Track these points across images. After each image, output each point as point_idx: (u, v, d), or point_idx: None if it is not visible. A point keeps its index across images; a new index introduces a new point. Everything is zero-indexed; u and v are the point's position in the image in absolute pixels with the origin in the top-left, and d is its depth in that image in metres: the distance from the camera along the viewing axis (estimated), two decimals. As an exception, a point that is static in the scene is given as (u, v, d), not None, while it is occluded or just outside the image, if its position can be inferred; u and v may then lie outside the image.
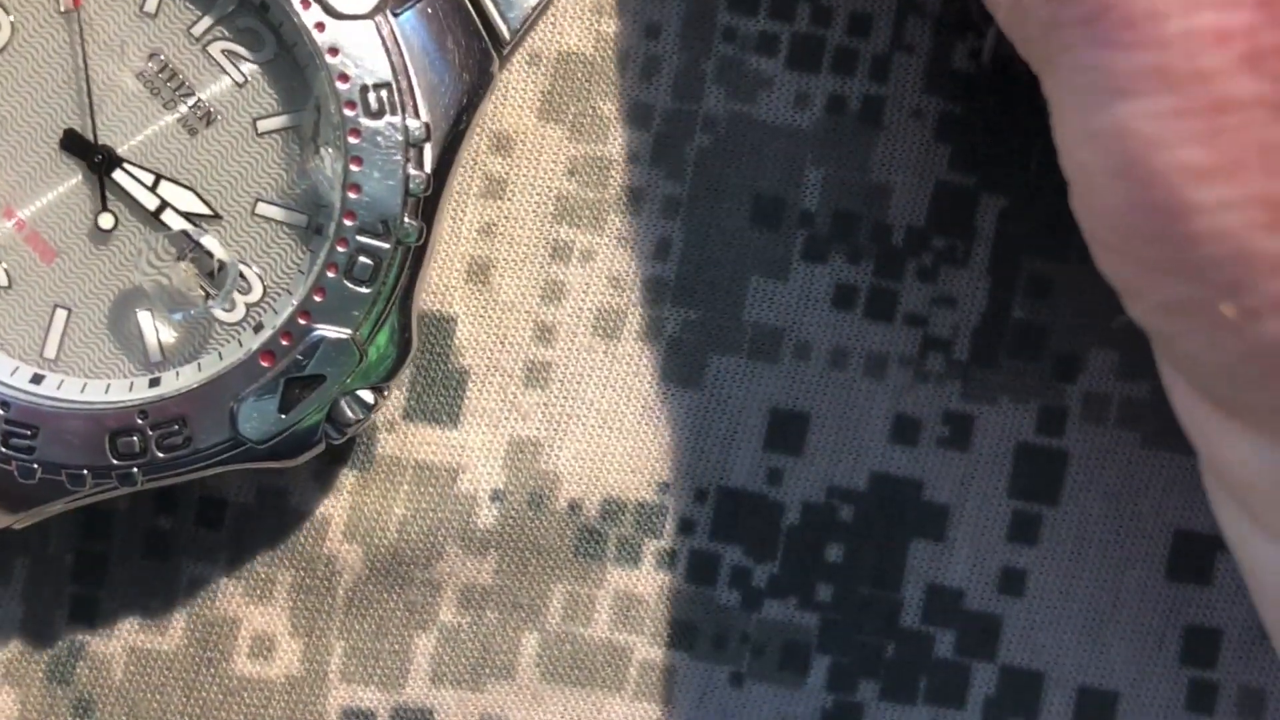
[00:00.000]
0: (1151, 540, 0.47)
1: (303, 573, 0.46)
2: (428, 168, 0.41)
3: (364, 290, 0.41)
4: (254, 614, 0.46)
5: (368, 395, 0.42)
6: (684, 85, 0.45)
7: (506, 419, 0.46)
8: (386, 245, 0.41)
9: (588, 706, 0.46)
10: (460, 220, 0.45)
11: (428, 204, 0.42)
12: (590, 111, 0.45)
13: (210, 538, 0.46)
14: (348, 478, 0.46)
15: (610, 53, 0.45)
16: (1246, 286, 0.34)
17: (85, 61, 0.42)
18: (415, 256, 0.42)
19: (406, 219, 0.41)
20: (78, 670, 0.45)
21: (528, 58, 0.45)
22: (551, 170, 0.45)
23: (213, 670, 0.46)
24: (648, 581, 0.46)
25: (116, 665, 0.46)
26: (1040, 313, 0.46)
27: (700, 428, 0.46)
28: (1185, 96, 0.34)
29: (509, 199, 0.46)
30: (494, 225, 0.45)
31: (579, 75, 0.45)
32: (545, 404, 0.46)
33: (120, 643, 0.46)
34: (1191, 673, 0.47)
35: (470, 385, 0.46)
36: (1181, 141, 0.34)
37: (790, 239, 0.46)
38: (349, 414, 0.42)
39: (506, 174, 0.45)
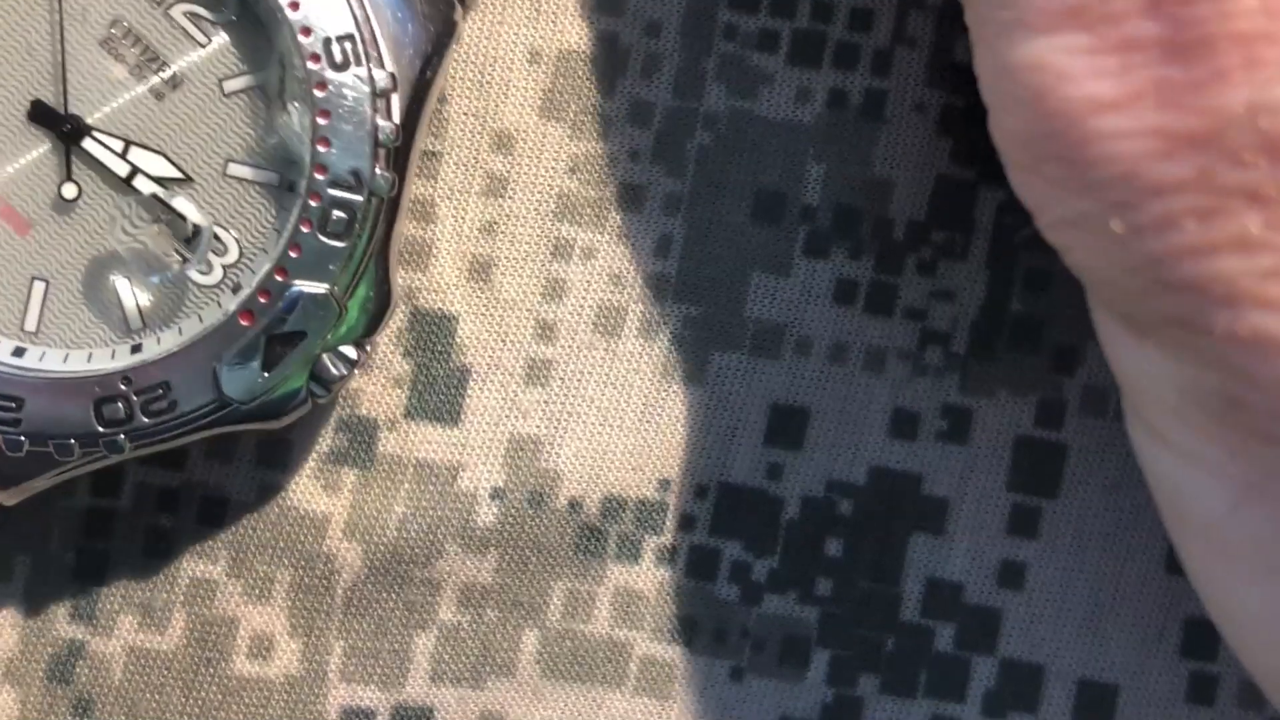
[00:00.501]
0: (1151, 533, 0.47)
1: (302, 572, 0.46)
2: (396, 118, 0.41)
3: (339, 244, 0.41)
4: (253, 613, 0.46)
5: (350, 351, 0.42)
6: (685, 83, 0.45)
7: (507, 417, 0.46)
8: (359, 198, 0.41)
9: (588, 703, 0.46)
10: (462, 219, 0.45)
11: (398, 155, 0.42)
12: (591, 109, 0.45)
13: (211, 536, 0.45)
14: (349, 476, 0.45)
15: (611, 51, 0.45)
16: (1134, 206, 0.37)
17: (60, 31, 0.42)
18: (389, 208, 0.42)
19: (378, 170, 0.41)
20: (78, 670, 0.45)
21: (528, 56, 0.45)
22: (553, 168, 0.45)
23: (212, 670, 0.46)
24: (648, 578, 0.46)
25: (116, 665, 0.45)
26: (1038, 306, 0.46)
27: (701, 424, 0.46)
28: (1096, 36, 0.37)
29: (510, 197, 0.45)
30: (495, 224, 0.45)
31: (580, 73, 0.45)
32: (546, 402, 0.46)
33: (120, 642, 0.45)
34: (1192, 665, 0.47)
35: (471, 383, 0.46)
36: (1090, 76, 0.37)
37: (792, 234, 0.46)
38: (332, 370, 0.42)
39: (508, 172, 0.45)
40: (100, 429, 0.41)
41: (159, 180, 0.42)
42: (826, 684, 0.47)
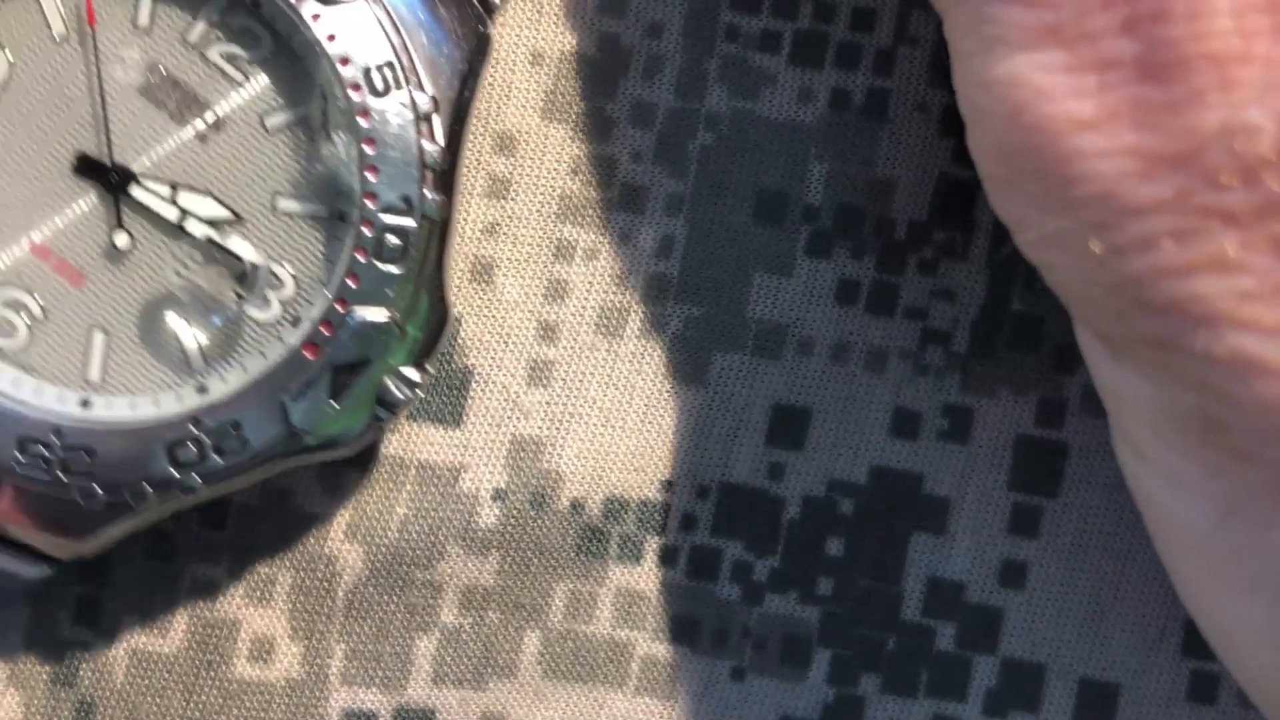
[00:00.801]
0: (1152, 531, 0.47)
1: (303, 574, 0.46)
2: (440, 140, 0.42)
3: (396, 270, 0.42)
4: (254, 616, 0.46)
5: (412, 373, 0.42)
6: (686, 84, 0.45)
7: (509, 418, 0.46)
8: (412, 222, 0.41)
9: (590, 703, 0.46)
10: (464, 220, 0.45)
11: (445, 176, 0.42)
12: (593, 111, 0.45)
13: (213, 538, 0.45)
14: (351, 478, 0.45)
15: (613, 52, 0.45)
16: (1112, 226, 0.37)
17: (100, 81, 0.42)
18: (440, 229, 0.42)
19: (427, 193, 0.41)
20: (80, 673, 0.45)
21: (530, 57, 0.45)
22: (555, 170, 0.45)
23: (212, 673, 0.46)
24: (649, 578, 0.46)
25: (118, 668, 0.45)
26: (1039, 305, 0.46)
27: (703, 425, 0.46)
28: (1074, 54, 0.37)
29: (512, 199, 0.45)
30: (497, 225, 0.45)
31: (582, 75, 0.45)
32: (548, 403, 0.46)
33: (122, 645, 0.45)
34: (1193, 664, 0.47)
35: (473, 384, 0.46)
36: (1068, 94, 0.37)
37: (794, 235, 0.46)
38: (396, 393, 0.42)
39: (510, 174, 0.45)
40: (174, 472, 0.42)
41: (210, 222, 0.42)
42: (828, 683, 0.47)
